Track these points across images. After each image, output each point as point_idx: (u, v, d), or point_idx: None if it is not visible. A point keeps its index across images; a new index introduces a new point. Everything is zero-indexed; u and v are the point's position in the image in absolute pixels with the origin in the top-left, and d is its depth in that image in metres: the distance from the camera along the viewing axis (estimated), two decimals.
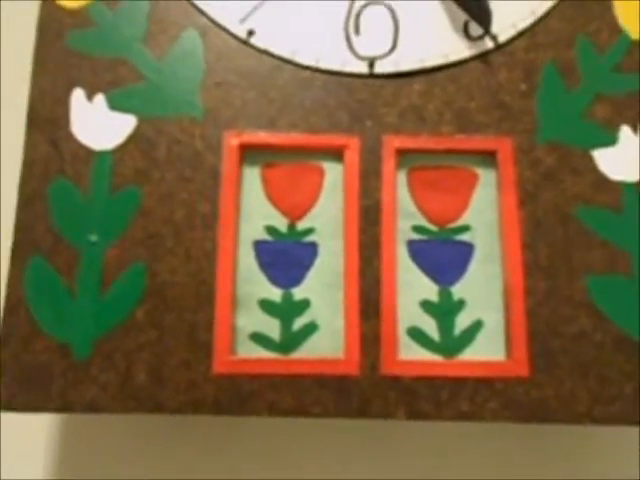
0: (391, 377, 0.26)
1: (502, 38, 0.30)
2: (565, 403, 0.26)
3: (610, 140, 0.29)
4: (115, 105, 0.29)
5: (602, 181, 0.28)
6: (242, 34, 0.30)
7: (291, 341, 0.27)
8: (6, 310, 0.26)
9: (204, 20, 0.30)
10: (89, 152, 0.28)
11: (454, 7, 0.30)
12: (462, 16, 0.30)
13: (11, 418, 0.31)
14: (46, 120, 0.28)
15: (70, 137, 0.28)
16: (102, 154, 0.28)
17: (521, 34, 0.30)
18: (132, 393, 0.26)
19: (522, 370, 0.26)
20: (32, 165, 0.28)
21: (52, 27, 0.29)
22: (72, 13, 0.29)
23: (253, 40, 0.30)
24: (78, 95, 0.29)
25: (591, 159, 0.29)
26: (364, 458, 0.31)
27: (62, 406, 0.26)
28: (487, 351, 0.27)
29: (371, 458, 0.31)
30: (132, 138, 0.28)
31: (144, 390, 0.26)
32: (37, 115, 0.28)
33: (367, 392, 0.26)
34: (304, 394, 0.26)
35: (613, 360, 0.27)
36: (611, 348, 0.27)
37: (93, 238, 0.27)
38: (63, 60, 0.29)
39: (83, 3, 0.30)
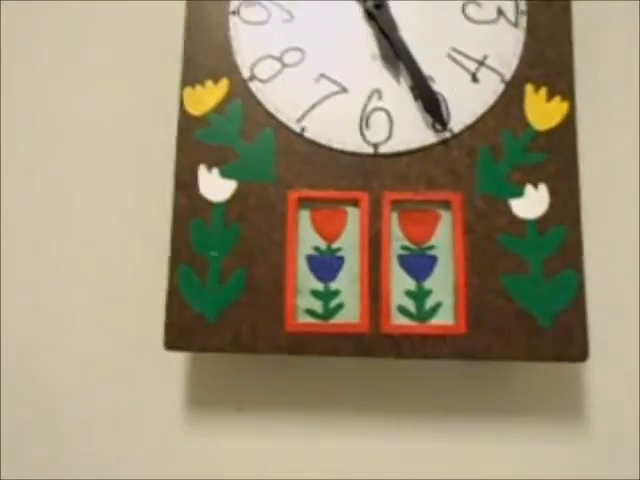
0: (387, 334, 0.46)
1: (456, 130, 0.49)
2: (488, 349, 0.46)
3: (520, 193, 0.48)
4: (224, 175, 0.48)
5: (514, 219, 0.47)
6: (298, 130, 0.49)
7: (329, 314, 0.47)
8: (168, 295, 0.47)
9: (276, 120, 0.49)
10: (210, 203, 0.48)
11: (426, 114, 0.49)
12: (430, 118, 0.49)
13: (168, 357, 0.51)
14: (185, 185, 0.48)
15: (199, 194, 0.48)
16: (218, 204, 0.48)
17: (468, 128, 0.49)
18: (241, 342, 0.46)
19: (462, 330, 0.46)
20: (178, 211, 0.48)
21: (186, 127, 0.49)
22: (198, 118, 0.49)
23: (306, 134, 0.49)
24: (202, 169, 0.49)
25: (508, 205, 0.48)
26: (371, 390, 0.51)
27: (202, 348, 0.46)
28: (444, 319, 0.47)
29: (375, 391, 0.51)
30: (235, 195, 0.48)
31: (247, 341, 0.46)
32: (180, 182, 0.48)
33: (373, 342, 0.46)
34: (337, 343, 0.46)
35: (516, 326, 0.46)
36: (515, 319, 0.46)
37: (214, 253, 0.47)
38: (193, 147, 0.49)
39: (204, 112, 0.49)
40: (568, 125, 0.49)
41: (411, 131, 0.49)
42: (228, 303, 0.46)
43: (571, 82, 0.49)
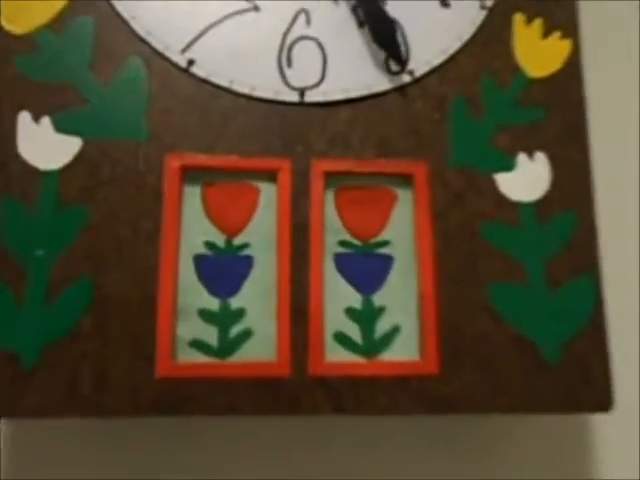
0: (318, 377, 0.30)
1: (418, 73, 0.34)
2: (469, 396, 0.30)
3: (510, 166, 0.33)
4: (61, 127, 0.31)
5: (502, 201, 0.33)
6: (183, 63, 0.32)
7: (228, 347, 0.30)
8: None
9: (148, 48, 0.32)
10: (36, 172, 0.30)
11: (376, 48, 0.33)
12: (383, 53, 0.33)
13: None
14: None
15: (17, 158, 0.30)
16: (48, 173, 0.30)
17: (434, 70, 0.34)
18: (76, 399, 0.28)
19: (433, 368, 0.30)
20: None
21: (1, 51, 0.31)
22: (19, 38, 0.31)
23: (194, 69, 0.32)
24: (24, 117, 0.30)
25: (493, 182, 0.33)
26: (298, 451, 0.34)
27: (8, 412, 0.27)
28: (403, 352, 0.31)
29: (303, 451, 0.34)
30: (77, 159, 0.30)
31: (88, 396, 0.28)
32: None
33: (297, 391, 0.29)
34: (238, 395, 0.29)
35: (510, 357, 0.31)
36: (508, 347, 0.31)
37: (39, 253, 0.29)
38: (10, 83, 0.31)
39: (29, 29, 0.31)
40: (572, 71, 0.35)
41: (353, 72, 0.33)
42: (59, 334, 0.28)
43: (574, 14, 0.35)
